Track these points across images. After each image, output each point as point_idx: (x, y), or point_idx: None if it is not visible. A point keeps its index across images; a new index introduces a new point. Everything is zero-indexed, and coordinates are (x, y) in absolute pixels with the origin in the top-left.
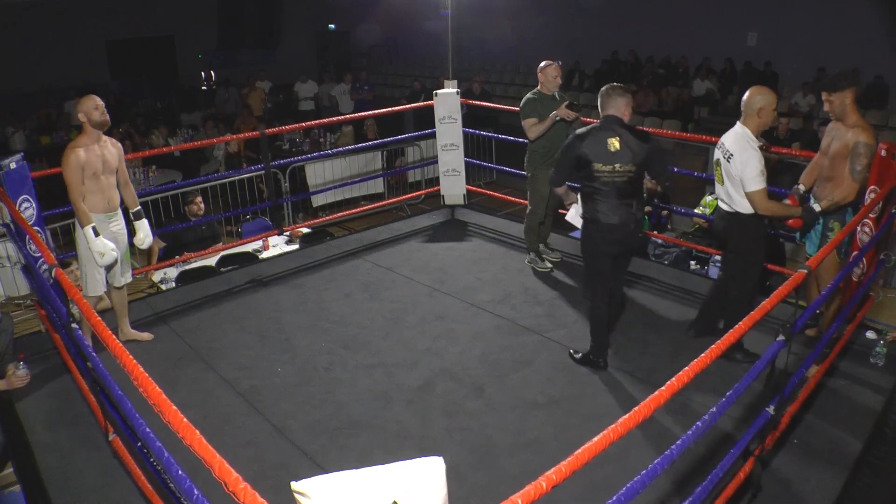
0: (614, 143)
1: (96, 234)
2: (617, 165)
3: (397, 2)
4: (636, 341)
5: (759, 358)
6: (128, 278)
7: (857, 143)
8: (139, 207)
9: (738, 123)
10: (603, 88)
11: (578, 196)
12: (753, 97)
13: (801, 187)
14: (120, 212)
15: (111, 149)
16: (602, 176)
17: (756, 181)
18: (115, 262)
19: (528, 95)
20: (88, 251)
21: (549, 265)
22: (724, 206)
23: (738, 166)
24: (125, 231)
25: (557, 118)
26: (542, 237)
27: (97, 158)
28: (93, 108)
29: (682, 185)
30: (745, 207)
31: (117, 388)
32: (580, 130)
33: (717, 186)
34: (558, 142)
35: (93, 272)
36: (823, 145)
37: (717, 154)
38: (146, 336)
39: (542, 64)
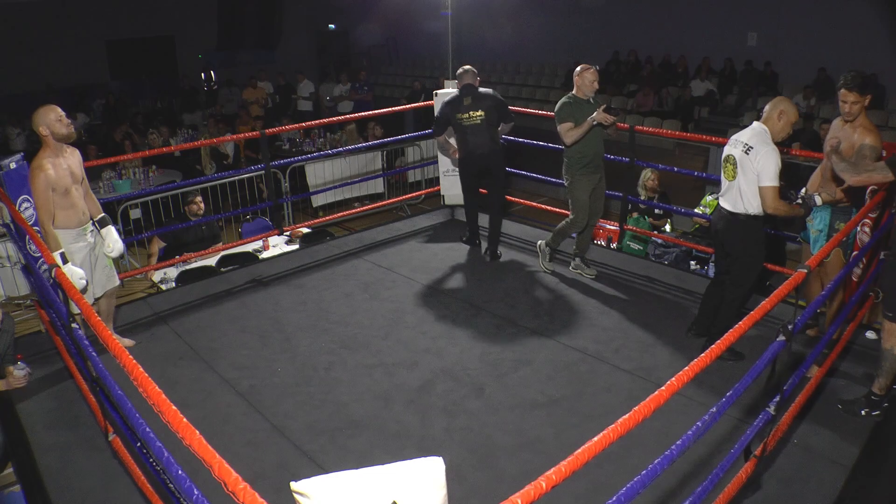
0: (467, 100)
1: (65, 260)
2: (471, 113)
3: (397, 2)
4: (636, 341)
5: (744, 357)
6: (114, 282)
7: (862, 145)
8: (103, 214)
9: (756, 122)
10: (458, 70)
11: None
12: (780, 101)
13: (816, 197)
14: (91, 221)
15: (73, 158)
16: (463, 121)
17: (772, 177)
18: (86, 287)
19: (564, 100)
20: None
21: (550, 267)
22: (726, 206)
23: (760, 160)
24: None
25: (595, 122)
26: (581, 249)
27: (65, 172)
28: (55, 119)
29: (682, 185)
30: (753, 206)
31: (117, 388)
32: (448, 98)
33: (725, 184)
34: (594, 146)
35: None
36: (827, 147)
37: (731, 150)
38: (128, 342)
39: (579, 68)
